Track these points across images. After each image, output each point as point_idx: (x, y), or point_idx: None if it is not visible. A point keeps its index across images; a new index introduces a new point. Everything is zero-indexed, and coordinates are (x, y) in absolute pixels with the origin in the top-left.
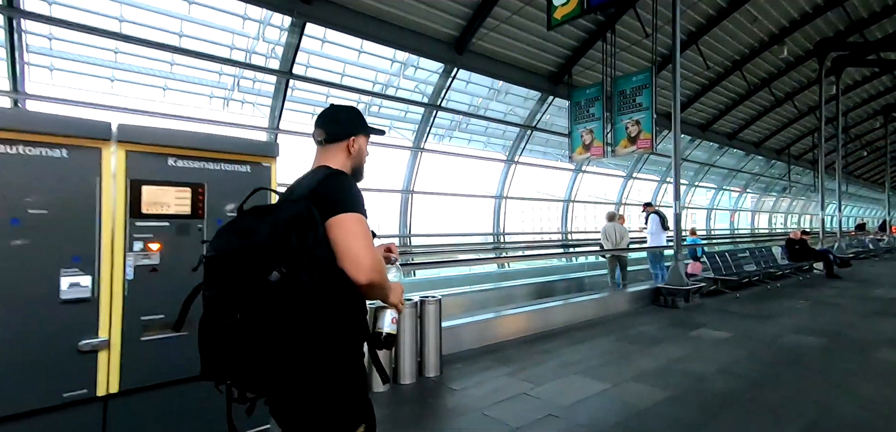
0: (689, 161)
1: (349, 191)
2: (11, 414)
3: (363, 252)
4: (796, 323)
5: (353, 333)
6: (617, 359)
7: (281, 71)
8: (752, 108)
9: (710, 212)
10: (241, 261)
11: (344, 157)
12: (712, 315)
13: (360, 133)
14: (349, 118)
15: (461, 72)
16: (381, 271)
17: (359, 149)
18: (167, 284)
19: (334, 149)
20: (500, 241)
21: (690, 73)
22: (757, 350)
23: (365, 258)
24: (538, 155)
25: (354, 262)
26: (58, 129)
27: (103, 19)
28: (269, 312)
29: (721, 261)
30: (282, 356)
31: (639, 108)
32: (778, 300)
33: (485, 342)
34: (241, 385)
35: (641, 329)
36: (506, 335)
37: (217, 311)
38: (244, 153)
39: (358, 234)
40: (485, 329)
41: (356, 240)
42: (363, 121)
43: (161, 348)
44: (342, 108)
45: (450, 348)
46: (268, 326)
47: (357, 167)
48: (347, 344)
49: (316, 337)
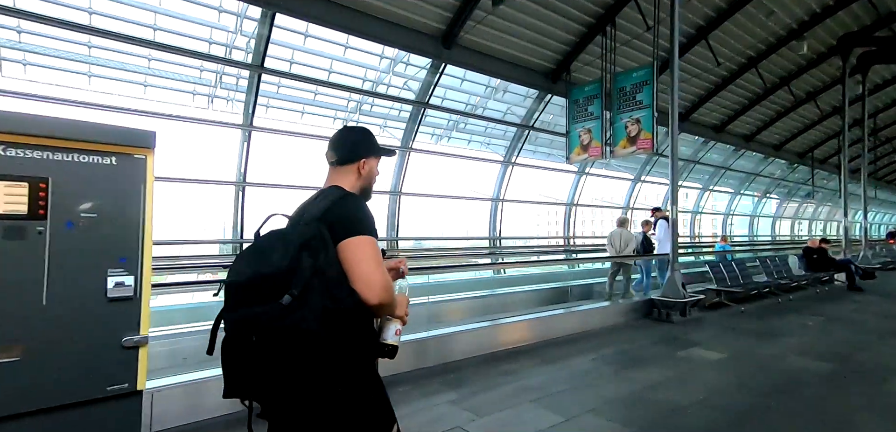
0: (702, 164)
1: (360, 213)
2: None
3: (374, 274)
4: (803, 342)
5: (365, 348)
6: (585, 384)
7: (252, 65)
8: (771, 108)
9: (727, 217)
10: (255, 285)
11: (354, 178)
12: (709, 331)
13: (370, 155)
14: (360, 141)
15: (457, 70)
16: (391, 291)
17: (369, 171)
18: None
19: (345, 170)
20: (496, 246)
21: (701, 70)
22: (751, 375)
23: (375, 279)
24: (543, 157)
25: (366, 284)
26: None
27: (74, 12)
28: (282, 334)
29: (726, 271)
30: (297, 375)
31: (639, 106)
32: (787, 315)
33: (445, 359)
34: (264, 403)
35: (625, 346)
36: (470, 351)
37: (236, 334)
38: (106, 142)
39: (368, 257)
40: (444, 345)
41: (367, 263)
42: (374, 143)
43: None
44: (354, 130)
45: (399, 367)
46: (281, 347)
47: (367, 187)
48: (361, 359)
49: (330, 356)
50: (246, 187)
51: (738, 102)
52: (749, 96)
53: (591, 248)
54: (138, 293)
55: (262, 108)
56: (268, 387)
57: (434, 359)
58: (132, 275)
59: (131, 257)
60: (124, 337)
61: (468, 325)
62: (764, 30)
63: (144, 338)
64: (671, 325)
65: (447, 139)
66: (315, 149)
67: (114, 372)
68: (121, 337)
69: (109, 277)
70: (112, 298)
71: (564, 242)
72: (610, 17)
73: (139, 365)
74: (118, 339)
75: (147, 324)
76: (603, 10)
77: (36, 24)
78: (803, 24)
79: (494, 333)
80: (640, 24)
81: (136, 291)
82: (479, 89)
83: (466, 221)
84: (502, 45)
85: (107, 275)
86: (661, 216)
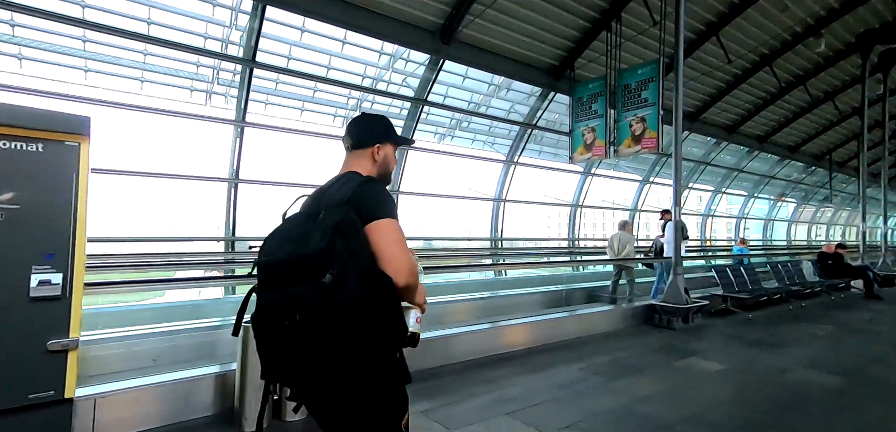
0: (714, 165)
1: (384, 196)
2: None
3: (401, 256)
4: (812, 354)
5: (394, 332)
6: (569, 395)
7: (243, 59)
8: (786, 108)
9: (740, 220)
10: (297, 266)
11: (369, 164)
12: (711, 339)
13: (386, 141)
14: (375, 126)
15: (458, 67)
16: (416, 274)
17: (384, 157)
18: None
19: (360, 154)
20: (498, 247)
21: (711, 68)
22: (751, 389)
23: (403, 262)
24: (549, 157)
25: (394, 266)
26: None
27: (69, 6)
28: (325, 312)
29: (733, 276)
30: (335, 354)
31: (644, 103)
32: (798, 324)
33: (425, 365)
34: (297, 386)
35: (620, 354)
36: (453, 357)
37: (276, 314)
38: (30, 127)
39: (396, 240)
40: (425, 350)
41: (395, 245)
42: (390, 130)
43: None
44: (371, 115)
45: None
46: (323, 326)
47: (383, 173)
48: (391, 342)
49: (367, 336)
50: (239, 184)
51: (751, 102)
52: (763, 96)
53: (594, 251)
54: (68, 292)
55: (261, 104)
56: (304, 368)
57: (413, 365)
58: (60, 272)
59: (60, 253)
60: (50, 340)
61: (452, 330)
62: (778, 26)
63: (74, 341)
64: (672, 333)
65: (451, 138)
66: (314, 146)
67: (37, 379)
68: (46, 341)
69: (33, 275)
70: (36, 298)
71: (569, 244)
72: (615, 11)
73: (68, 370)
74: (42, 343)
75: (78, 326)
76: (608, 4)
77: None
78: (820, 20)
79: (481, 338)
80: (647, 19)
81: (66, 290)
82: (481, 87)
83: (469, 221)
84: (503, 41)
85: (30, 273)
86: (669, 218)
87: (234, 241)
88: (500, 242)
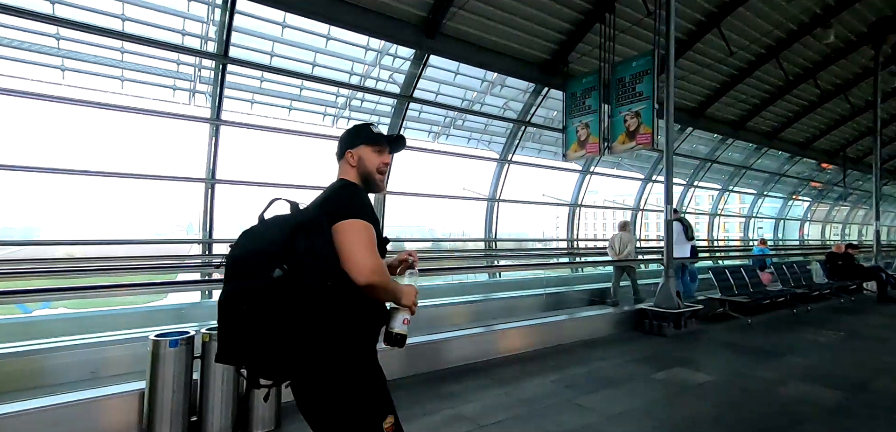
0: (719, 163)
1: (352, 199)
2: None
3: (361, 255)
4: (812, 364)
5: (361, 329)
6: (531, 413)
7: (215, 54)
8: (795, 103)
9: (749, 220)
10: (249, 260)
11: (349, 169)
12: (703, 347)
13: (357, 145)
14: (347, 134)
15: (450, 63)
16: (382, 274)
17: (359, 159)
18: None
19: (342, 163)
20: (492, 248)
21: (713, 61)
22: (736, 406)
23: (363, 261)
24: (549, 155)
25: (354, 264)
26: None
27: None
28: (270, 304)
29: (733, 277)
30: (283, 344)
31: (639, 97)
32: (801, 330)
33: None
34: (253, 369)
35: (600, 364)
36: (416, 368)
37: (231, 303)
38: None
39: (356, 240)
40: (384, 361)
41: (355, 245)
42: (361, 132)
43: None
44: (349, 127)
45: None
46: (269, 316)
47: (364, 176)
48: (355, 338)
49: (317, 329)
50: (216, 185)
51: (758, 96)
52: (770, 90)
53: (592, 252)
54: None
55: (246, 103)
56: (255, 354)
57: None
58: None
59: None
60: None
61: (414, 339)
62: (783, 16)
63: None
64: (661, 340)
65: (446, 137)
66: (303, 145)
67: None
68: None
69: None
70: None
71: (568, 245)
72: (609, 2)
73: None
74: None
75: None
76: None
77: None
78: (829, 8)
79: (446, 348)
80: (641, 9)
81: None
82: (474, 83)
83: (465, 221)
84: (491, 35)
85: None
86: (675, 218)
87: (210, 244)
88: (494, 243)
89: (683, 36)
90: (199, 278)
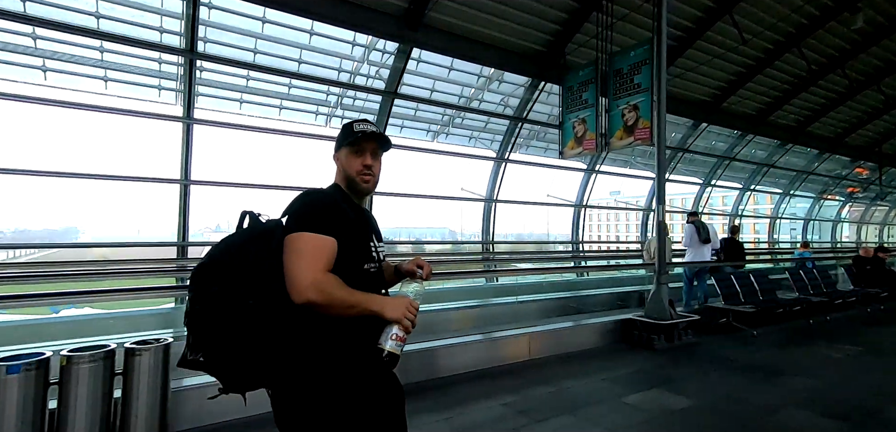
0: (739, 161)
1: (300, 209)
2: None
3: (295, 270)
4: (816, 385)
5: (326, 348)
6: None
7: (183, 50)
8: (820, 96)
9: (774, 221)
10: (195, 274)
11: (337, 171)
12: (693, 364)
13: (339, 147)
14: (339, 135)
15: (443, 58)
16: (321, 290)
17: (342, 163)
18: None
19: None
20: (489, 250)
21: (726, 50)
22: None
23: (297, 278)
24: (554, 154)
25: (289, 281)
26: None
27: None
28: (205, 320)
29: (739, 284)
30: (224, 358)
31: (637, 89)
32: (814, 344)
33: None
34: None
35: (568, 383)
36: None
37: (186, 316)
38: None
39: (294, 254)
40: None
41: (292, 260)
42: (341, 135)
43: None
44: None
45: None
46: (207, 332)
47: (347, 178)
48: (319, 357)
49: (259, 347)
50: (190, 186)
51: (779, 89)
52: (792, 82)
53: (597, 255)
54: None
55: (235, 103)
56: (208, 366)
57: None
58: None
59: None
60: None
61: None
62: (805, 0)
63: None
64: (649, 354)
65: (445, 136)
66: (294, 146)
67: None
68: None
69: None
70: None
71: (573, 248)
72: None
73: None
74: None
75: None
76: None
77: None
78: None
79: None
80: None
81: None
82: (470, 79)
83: (463, 221)
84: (481, 26)
85: None
86: (692, 221)
87: (185, 247)
88: (492, 246)
89: (691, 23)
90: (175, 283)
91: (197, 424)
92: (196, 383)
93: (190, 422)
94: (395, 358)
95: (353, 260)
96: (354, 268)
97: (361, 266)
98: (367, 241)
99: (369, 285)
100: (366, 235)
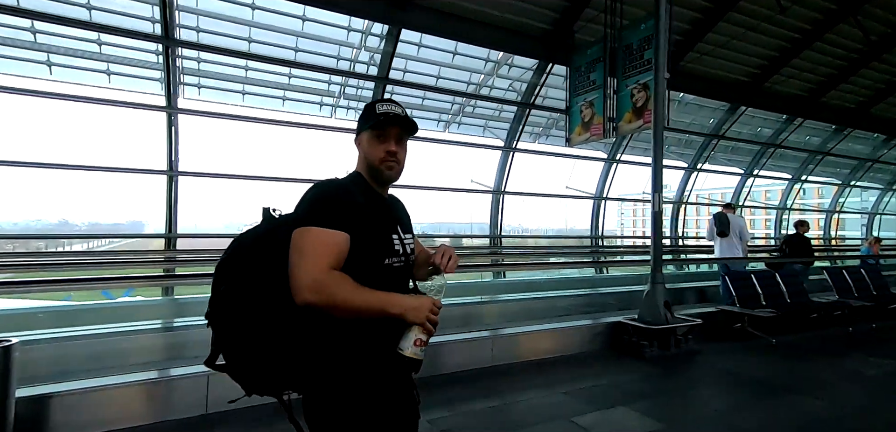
0: (785, 147)
1: (306, 202)
2: None
3: (297, 270)
4: (831, 410)
5: (339, 350)
6: None
7: (160, 37)
8: (885, 72)
9: (830, 215)
10: (215, 271)
11: (359, 158)
12: (685, 376)
13: (361, 130)
14: (360, 116)
15: (447, 43)
16: (321, 291)
17: (362, 148)
18: None
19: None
20: (497, 244)
21: (762, 21)
22: None
23: (298, 276)
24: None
25: (291, 281)
26: None
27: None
28: (217, 320)
29: (761, 285)
30: (236, 360)
31: (647, 66)
32: (845, 356)
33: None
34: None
35: (524, 396)
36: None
37: (206, 313)
38: None
39: (296, 251)
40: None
41: (294, 258)
42: (364, 116)
43: None
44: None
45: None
46: (220, 332)
47: (368, 164)
48: (326, 358)
49: (262, 346)
50: (178, 177)
51: (832, 65)
52: (848, 57)
53: (615, 250)
54: None
55: (238, 95)
56: (227, 368)
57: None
58: None
59: None
60: None
61: None
62: None
63: None
64: (635, 363)
65: (457, 125)
66: (298, 138)
67: None
68: None
69: None
70: None
71: (592, 243)
72: None
73: None
74: None
75: None
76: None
77: None
78: None
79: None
80: None
81: None
82: (478, 65)
83: (475, 214)
84: (477, 4)
85: None
86: (728, 213)
87: (172, 239)
88: (499, 240)
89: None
90: (163, 274)
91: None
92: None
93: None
94: (417, 364)
95: (371, 254)
96: (373, 263)
97: (382, 261)
98: (389, 233)
99: (392, 281)
100: (388, 227)
